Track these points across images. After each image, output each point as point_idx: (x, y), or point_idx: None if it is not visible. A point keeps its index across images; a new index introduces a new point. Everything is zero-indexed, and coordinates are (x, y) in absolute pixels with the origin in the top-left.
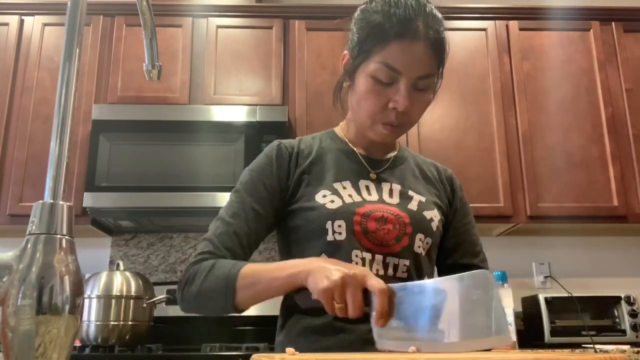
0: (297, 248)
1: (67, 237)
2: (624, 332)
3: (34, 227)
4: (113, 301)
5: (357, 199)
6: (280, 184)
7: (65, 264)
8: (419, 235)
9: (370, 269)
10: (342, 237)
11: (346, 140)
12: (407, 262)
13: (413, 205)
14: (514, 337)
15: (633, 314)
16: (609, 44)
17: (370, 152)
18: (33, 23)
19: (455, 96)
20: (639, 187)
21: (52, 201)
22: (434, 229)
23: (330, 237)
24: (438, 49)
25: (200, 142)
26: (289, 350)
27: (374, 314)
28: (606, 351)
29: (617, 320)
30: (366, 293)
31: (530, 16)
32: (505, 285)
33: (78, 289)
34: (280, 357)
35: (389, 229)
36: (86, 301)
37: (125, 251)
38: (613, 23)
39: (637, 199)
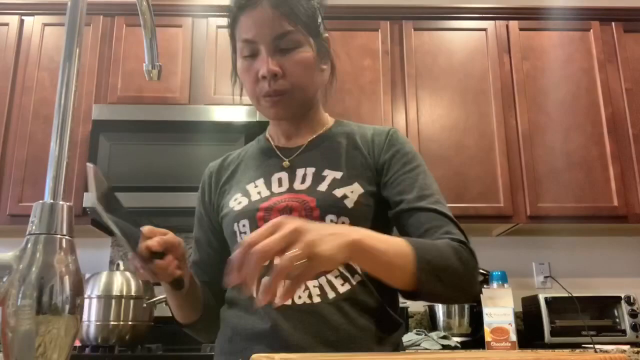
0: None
1: (67, 237)
2: (624, 332)
3: (34, 227)
4: (113, 301)
5: (265, 194)
6: (205, 206)
7: (65, 264)
8: (330, 217)
9: None
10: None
11: (269, 136)
12: None
13: (323, 186)
14: (514, 337)
15: (633, 314)
16: (609, 44)
17: (290, 138)
18: (33, 23)
19: (455, 96)
20: (639, 187)
21: (52, 201)
22: (351, 205)
23: (239, 238)
24: (286, 6)
25: (200, 142)
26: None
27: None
28: (606, 351)
29: (617, 320)
30: None
31: (530, 16)
32: (505, 285)
33: (78, 289)
34: (280, 357)
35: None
36: (86, 301)
37: (126, 251)
38: (613, 23)
39: (637, 199)
